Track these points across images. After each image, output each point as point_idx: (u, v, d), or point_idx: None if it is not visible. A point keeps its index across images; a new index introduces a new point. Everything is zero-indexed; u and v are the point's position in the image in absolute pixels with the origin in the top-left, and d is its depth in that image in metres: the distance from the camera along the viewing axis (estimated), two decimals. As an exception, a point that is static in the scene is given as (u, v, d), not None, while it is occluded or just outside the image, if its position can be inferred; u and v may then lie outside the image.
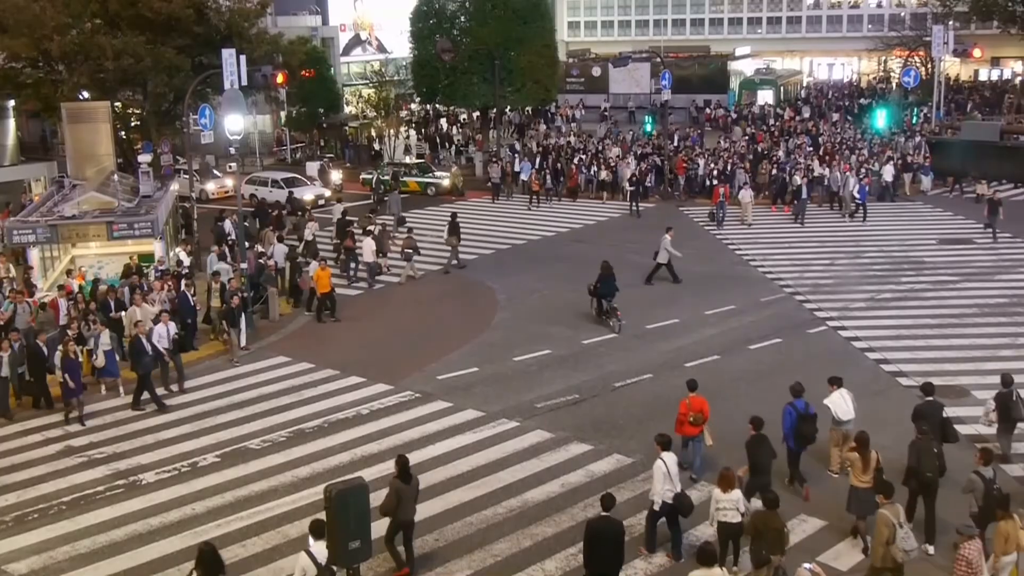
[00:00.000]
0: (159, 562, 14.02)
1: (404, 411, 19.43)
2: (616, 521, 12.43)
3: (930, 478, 14.03)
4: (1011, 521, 11.98)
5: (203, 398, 20.50)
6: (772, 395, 19.25)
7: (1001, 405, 15.78)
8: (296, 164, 52.57)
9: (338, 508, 12.34)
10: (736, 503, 13.03)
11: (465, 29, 50.99)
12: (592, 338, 23.30)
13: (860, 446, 13.86)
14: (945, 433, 15.22)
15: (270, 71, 30.61)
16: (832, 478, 15.96)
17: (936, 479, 14.11)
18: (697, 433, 15.99)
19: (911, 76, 48.75)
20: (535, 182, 40.82)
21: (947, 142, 40.01)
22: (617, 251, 31.91)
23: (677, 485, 13.70)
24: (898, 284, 27.36)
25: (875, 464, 13.70)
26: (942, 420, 15.21)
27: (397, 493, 13.14)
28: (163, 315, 21.42)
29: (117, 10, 36.89)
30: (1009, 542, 11.90)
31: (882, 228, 34.07)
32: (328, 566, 11.83)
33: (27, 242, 25.67)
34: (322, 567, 11.71)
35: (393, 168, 44.98)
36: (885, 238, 32.74)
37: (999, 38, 64.81)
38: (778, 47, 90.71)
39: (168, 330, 20.93)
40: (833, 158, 41.01)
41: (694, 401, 15.93)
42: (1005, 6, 57.32)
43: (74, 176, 29.98)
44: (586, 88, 72.16)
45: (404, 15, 55.91)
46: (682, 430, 15.96)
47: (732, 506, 13.02)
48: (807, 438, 15.29)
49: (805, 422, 15.18)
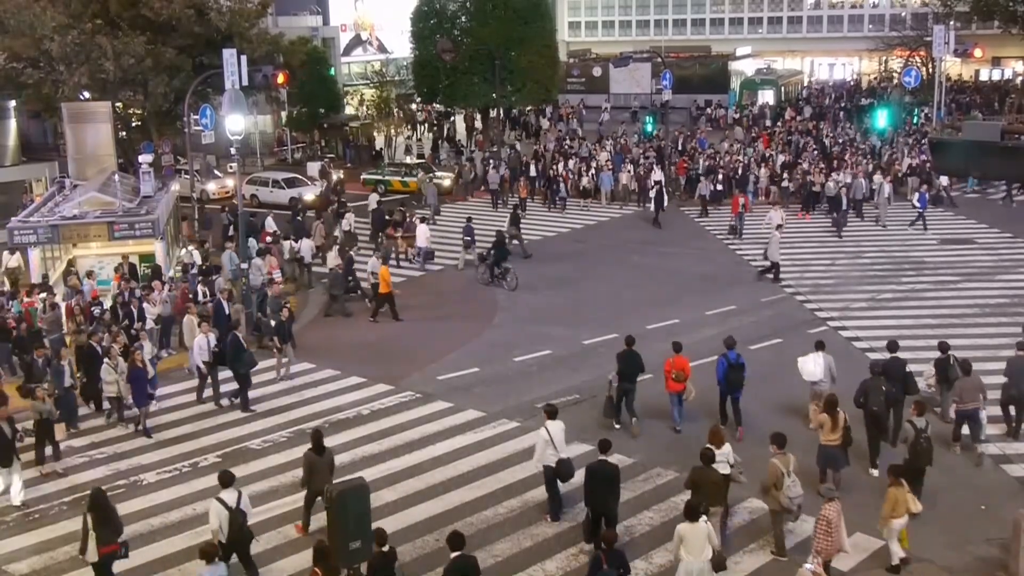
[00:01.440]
0: (160, 562, 14.04)
1: (405, 411, 19.44)
2: (611, 464, 13.84)
3: (876, 412, 16.26)
4: (900, 488, 13.19)
5: (204, 398, 20.50)
6: (773, 395, 19.33)
7: (939, 369, 17.93)
8: (297, 164, 52.56)
9: (338, 508, 12.37)
10: (726, 456, 14.19)
11: (466, 29, 51.01)
12: (592, 338, 23.31)
13: (828, 407, 15.25)
14: (907, 386, 17.31)
15: (271, 71, 30.59)
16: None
17: (882, 412, 16.42)
18: (681, 389, 17.81)
19: (912, 76, 48.71)
20: (523, 188, 39.09)
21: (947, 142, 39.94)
22: (618, 251, 32.08)
23: (560, 452, 14.77)
24: (899, 284, 27.37)
25: (843, 424, 15.03)
26: (904, 375, 17.31)
27: (310, 465, 14.25)
28: (203, 325, 20.56)
29: (118, 10, 36.95)
30: (898, 507, 13.11)
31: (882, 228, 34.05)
32: (239, 508, 12.84)
33: (28, 242, 25.66)
34: (233, 510, 12.73)
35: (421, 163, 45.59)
36: (885, 238, 32.75)
37: (1000, 38, 64.81)
38: (779, 47, 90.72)
39: (208, 342, 20.08)
40: (845, 163, 40.16)
41: (677, 361, 17.81)
42: (1006, 6, 57.29)
43: (75, 176, 29.99)
44: (587, 88, 72.17)
45: (405, 15, 55.96)
46: (668, 387, 17.88)
47: (723, 459, 14.09)
48: (734, 384, 17.71)
49: (733, 370, 17.64)
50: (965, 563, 13.59)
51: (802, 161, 42.11)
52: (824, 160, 41.78)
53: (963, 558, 13.71)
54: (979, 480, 16.02)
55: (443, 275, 30.52)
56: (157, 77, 36.61)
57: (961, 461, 16.67)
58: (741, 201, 34.14)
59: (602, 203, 39.53)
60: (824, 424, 15.15)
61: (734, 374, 17.59)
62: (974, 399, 16.78)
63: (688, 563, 12.04)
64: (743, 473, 14.50)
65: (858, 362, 21.43)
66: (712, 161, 42.56)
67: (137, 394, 18.58)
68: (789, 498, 13.47)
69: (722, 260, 30.96)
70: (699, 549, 12.03)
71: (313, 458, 14.24)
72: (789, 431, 14.62)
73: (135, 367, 18.55)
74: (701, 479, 13.41)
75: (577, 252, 31.86)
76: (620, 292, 25.76)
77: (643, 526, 14.79)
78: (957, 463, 16.60)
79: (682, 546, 12.07)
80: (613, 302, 25.13)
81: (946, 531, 14.34)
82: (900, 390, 17.03)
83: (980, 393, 16.82)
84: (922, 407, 15.10)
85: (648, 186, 38.46)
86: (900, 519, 13.17)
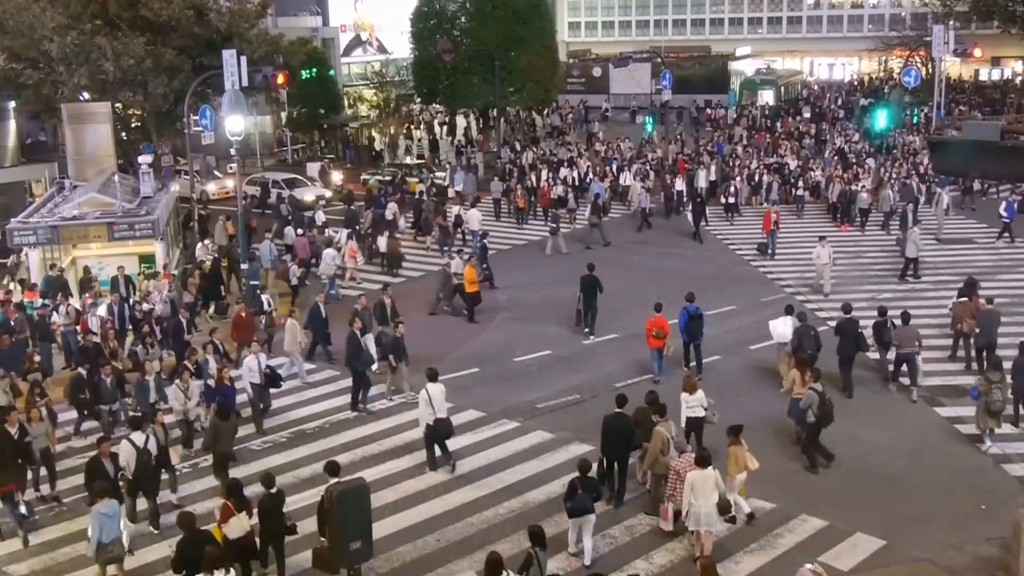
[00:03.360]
0: (160, 563, 14.00)
1: (405, 412, 19.40)
2: (626, 416, 15.28)
3: (809, 354, 18.33)
4: (739, 446, 14.60)
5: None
6: (773, 395, 19.33)
7: (876, 331, 19.92)
8: (297, 165, 52.56)
9: (338, 508, 12.36)
10: (700, 401, 16.34)
11: (465, 30, 51.03)
12: (593, 338, 23.30)
13: (799, 363, 17.37)
14: (858, 344, 19.54)
15: (270, 72, 30.66)
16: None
17: (814, 355, 18.57)
18: (661, 345, 20.23)
19: (911, 76, 48.74)
20: (520, 198, 37.13)
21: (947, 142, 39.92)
22: (618, 251, 32.08)
23: (439, 412, 16.43)
24: (898, 284, 27.37)
25: (813, 380, 16.54)
26: (856, 333, 19.57)
27: (215, 428, 15.85)
28: (254, 344, 19.71)
29: (117, 11, 36.97)
30: (738, 463, 14.51)
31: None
32: (145, 448, 14.48)
33: (28, 243, 25.66)
34: (140, 449, 14.43)
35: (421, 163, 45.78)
36: (885, 238, 32.73)
37: (999, 38, 64.84)
38: (779, 47, 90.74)
39: (259, 363, 18.91)
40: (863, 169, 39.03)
41: (657, 320, 20.21)
42: (1005, 6, 57.35)
43: (75, 177, 29.99)
44: (587, 88, 72.16)
45: (404, 16, 55.97)
46: (649, 343, 20.33)
47: (697, 403, 16.32)
48: (694, 332, 20.58)
49: (693, 320, 20.58)
50: (965, 563, 13.59)
51: (814, 167, 40.92)
52: (844, 167, 39.82)
53: (963, 558, 13.70)
54: (979, 480, 16.02)
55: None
56: (157, 78, 36.63)
57: (961, 462, 16.69)
58: (773, 217, 30.95)
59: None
60: (796, 379, 17.06)
61: (694, 324, 20.56)
62: (911, 345, 19.22)
63: (697, 507, 13.26)
64: (716, 415, 16.39)
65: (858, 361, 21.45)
66: (728, 167, 41.15)
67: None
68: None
69: (722, 260, 30.93)
70: (707, 495, 13.24)
71: (218, 423, 15.81)
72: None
73: (223, 384, 17.85)
74: (641, 418, 15.55)
75: (578, 252, 31.80)
76: (620, 292, 25.70)
77: (643, 526, 14.79)
78: (958, 464, 16.62)
79: (692, 492, 13.25)
80: (613, 302, 25.09)
81: (946, 531, 14.34)
82: (852, 347, 19.45)
83: (916, 340, 19.32)
84: (818, 373, 16.66)
85: (672, 194, 37.25)
86: (741, 474, 14.56)
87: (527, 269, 30.57)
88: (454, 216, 34.13)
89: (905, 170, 39.76)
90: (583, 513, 13.47)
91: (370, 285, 28.39)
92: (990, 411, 16.62)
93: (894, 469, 16.44)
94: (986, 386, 16.63)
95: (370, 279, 29.67)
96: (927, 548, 13.88)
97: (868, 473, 16.27)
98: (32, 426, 15.77)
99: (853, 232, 33.97)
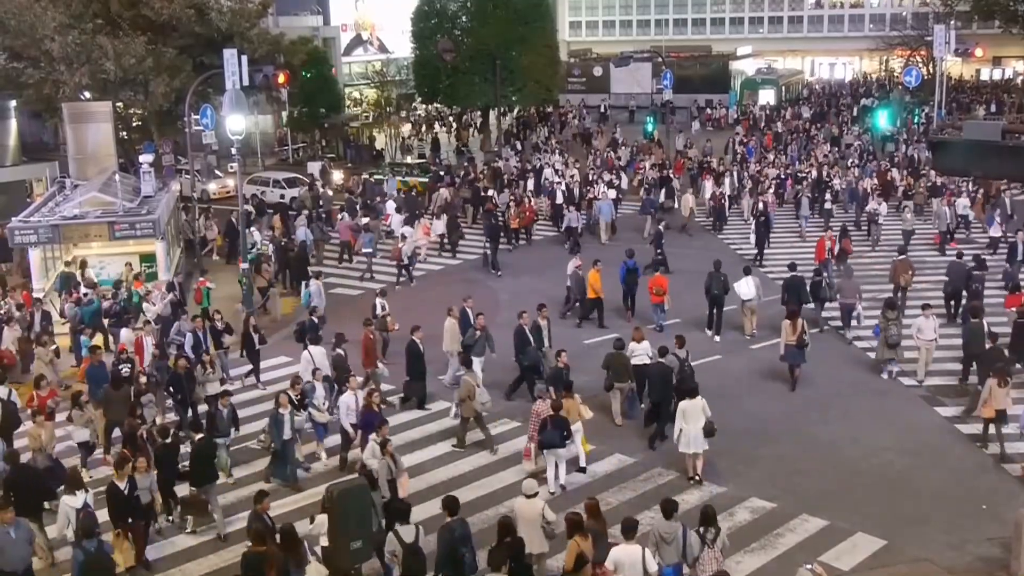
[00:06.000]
0: (161, 563, 14.02)
1: (405, 411, 19.44)
2: (667, 366, 17.23)
3: (716, 295, 22.85)
4: (571, 400, 16.10)
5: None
6: (773, 395, 19.33)
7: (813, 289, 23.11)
8: (298, 164, 52.58)
9: (339, 508, 12.35)
10: (646, 351, 18.36)
11: (466, 29, 51.09)
12: (592, 338, 23.29)
13: (790, 315, 19.64)
14: (800, 296, 22.29)
15: (271, 71, 30.69)
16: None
17: (721, 295, 22.94)
18: (660, 301, 23.33)
19: (913, 76, 48.72)
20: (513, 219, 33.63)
21: (948, 142, 39.94)
22: (618, 251, 31.99)
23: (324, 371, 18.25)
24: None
25: (800, 329, 19.18)
26: (799, 287, 22.63)
27: (107, 396, 17.04)
28: (352, 380, 17.24)
29: (118, 10, 37.02)
30: (571, 414, 15.81)
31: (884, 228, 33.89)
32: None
33: (29, 243, 25.65)
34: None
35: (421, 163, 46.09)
36: (886, 237, 32.66)
37: (1000, 38, 64.88)
38: (780, 47, 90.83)
39: (356, 400, 16.53)
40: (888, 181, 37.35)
41: (657, 279, 23.89)
42: (1007, 5, 57.30)
43: (75, 176, 29.97)
44: (587, 88, 72.23)
45: (405, 15, 56.03)
46: (652, 300, 23.48)
47: (642, 352, 18.38)
48: (631, 284, 24.50)
49: (631, 273, 24.51)
50: (966, 563, 13.58)
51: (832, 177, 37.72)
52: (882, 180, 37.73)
53: (964, 558, 13.69)
54: (979, 480, 16.02)
55: (444, 274, 30.53)
56: (158, 77, 36.64)
57: (961, 462, 16.68)
58: (828, 245, 26.75)
59: (600, 238, 33.60)
60: (786, 329, 19.34)
61: (631, 276, 24.48)
62: (851, 296, 22.31)
63: (687, 430, 15.38)
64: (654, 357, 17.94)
65: (859, 360, 21.50)
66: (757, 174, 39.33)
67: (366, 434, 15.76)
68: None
69: (722, 261, 30.77)
70: (695, 419, 15.37)
71: (109, 391, 17.13)
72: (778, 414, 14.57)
73: (370, 410, 16.05)
74: (614, 361, 18.00)
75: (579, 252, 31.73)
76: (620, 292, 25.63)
77: (644, 526, 14.73)
78: (958, 464, 16.62)
79: (682, 418, 15.43)
80: (613, 302, 25.06)
81: (946, 531, 14.34)
82: (796, 301, 21.63)
83: (857, 292, 22.44)
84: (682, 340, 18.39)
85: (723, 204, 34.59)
86: (575, 425, 15.95)
87: (528, 268, 30.52)
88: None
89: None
90: (551, 446, 15.24)
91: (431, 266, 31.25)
92: (888, 344, 19.79)
93: (894, 469, 16.44)
94: (884, 323, 19.84)
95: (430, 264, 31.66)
96: (927, 548, 13.88)
97: (868, 473, 16.27)
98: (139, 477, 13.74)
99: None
